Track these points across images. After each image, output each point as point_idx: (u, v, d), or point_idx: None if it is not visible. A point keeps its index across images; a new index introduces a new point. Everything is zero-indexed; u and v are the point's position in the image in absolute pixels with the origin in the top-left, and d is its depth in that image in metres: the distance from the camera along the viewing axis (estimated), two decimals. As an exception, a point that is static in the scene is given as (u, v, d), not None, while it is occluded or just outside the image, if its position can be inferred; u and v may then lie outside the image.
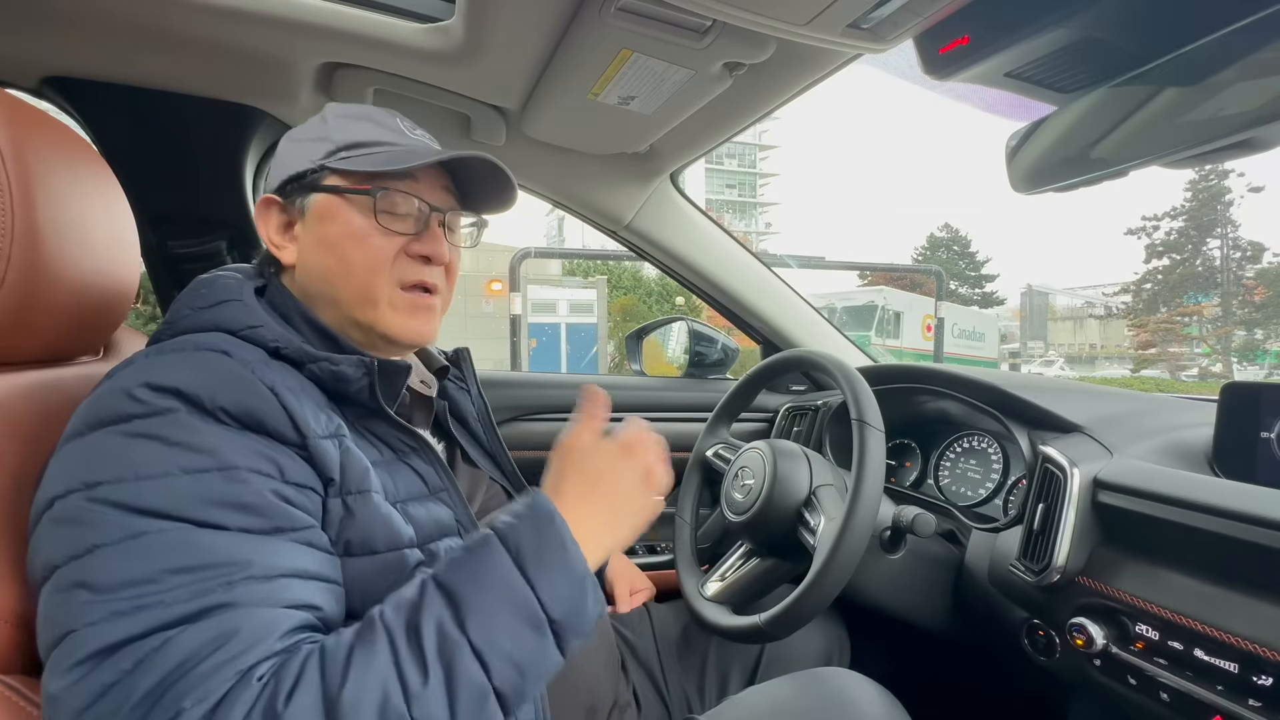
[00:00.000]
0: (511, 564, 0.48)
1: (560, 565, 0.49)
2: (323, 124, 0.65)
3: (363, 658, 0.43)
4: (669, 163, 1.28)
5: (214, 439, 0.47)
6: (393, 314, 0.63)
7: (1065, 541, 0.75)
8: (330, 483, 0.53)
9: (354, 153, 0.62)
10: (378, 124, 0.65)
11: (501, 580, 0.47)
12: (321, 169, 0.62)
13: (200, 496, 0.45)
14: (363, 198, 0.62)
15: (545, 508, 0.51)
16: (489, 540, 0.49)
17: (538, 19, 0.85)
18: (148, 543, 0.43)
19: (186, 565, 0.43)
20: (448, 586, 0.47)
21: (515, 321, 4.30)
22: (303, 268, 0.64)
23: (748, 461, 0.94)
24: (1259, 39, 0.53)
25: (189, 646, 0.41)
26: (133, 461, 0.45)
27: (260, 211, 0.65)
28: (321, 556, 0.50)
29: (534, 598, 0.47)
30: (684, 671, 0.95)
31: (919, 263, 28.05)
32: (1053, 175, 0.71)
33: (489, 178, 0.67)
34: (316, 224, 0.63)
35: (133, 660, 0.40)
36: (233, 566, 0.44)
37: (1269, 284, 21.29)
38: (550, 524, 0.50)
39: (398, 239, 0.63)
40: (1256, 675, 0.58)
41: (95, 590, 0.42)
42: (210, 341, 0.53)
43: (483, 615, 0.45)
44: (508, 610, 0.46)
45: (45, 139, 0.54)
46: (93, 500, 0.44)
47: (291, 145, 0.65)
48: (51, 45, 0.95)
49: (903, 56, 0.79)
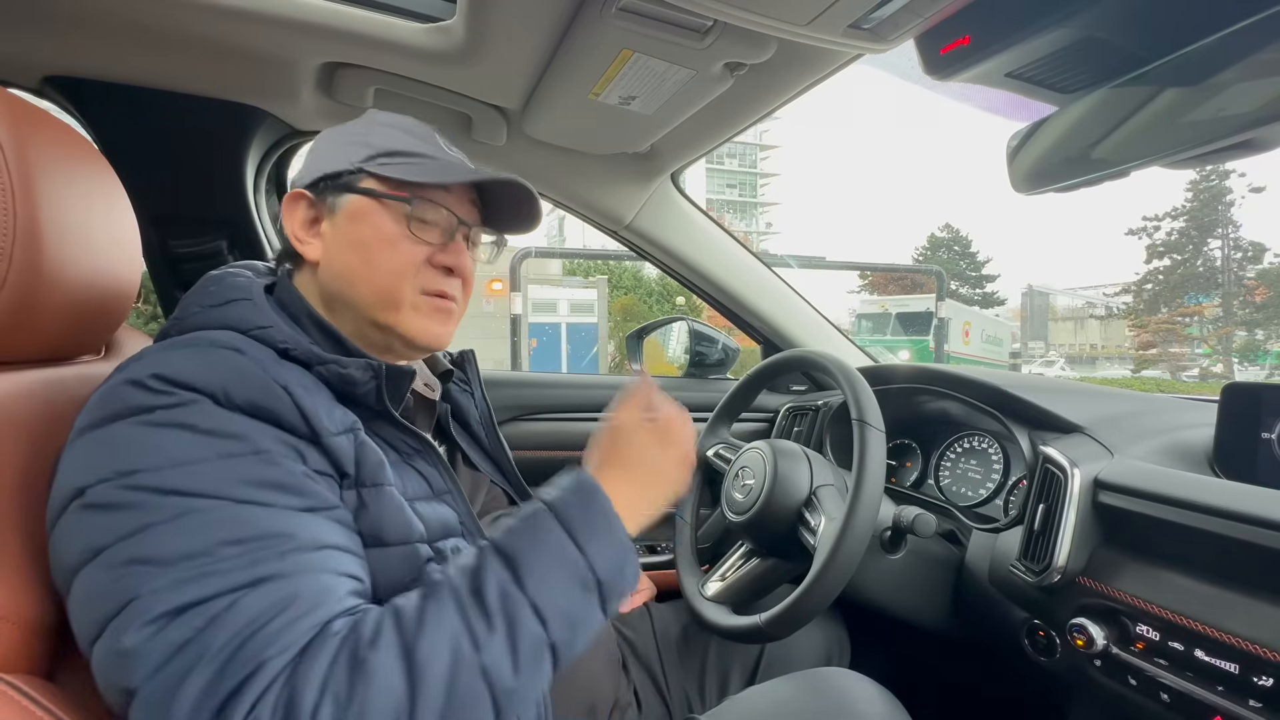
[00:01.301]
0: (563, 532, 0.51)
1: (606, 533, 0.53)
2: (365, 129, 0.66)
3: (434, 613, 0.46)
4: (670, 163, 1.28)
5: (241, 426, 0.49)
6: (415, 315, 0.64)
7: (1066, 542, 0.75)
8: (345, 476, 0.53)
9: (393, 160, 0.63)
10: (417, 137, 0.67)
11: (555, 546, 0.51)
12: (360, 171, 0.63)
13: (238, 478, 0.46)
14: (398, 204, 0.63)
15: (590, 483, 0.56)
16: (541, 512, 0.53)
17: (539, 19, 0.85)
18: (197, 519, 0.44)
19: (238, 537, 0.44)
20: (506, 552, 0.50)
21: (516, 321, 4.30)
22: (327, 265, 0.64)
23: (748, 461, 0.94)
24: (1260, 39, 0.53)
25: (257, 607, 0.42)
26: (165, 450, 0.46)
27: (288, 205, 0.65)
28: (352, 534, 0.52)
29: (584, 561, 0.51)
30: (684, 671, 0.95)
31: (920, 263, 28.06)
32: (1054, 176, 0.71)
33: (515, 198, 0.69)
34: (347, 223, 0.63)
35: (205, 618, 0.41)
36: (281, 538, 0.46)
37: (1270, 284, 21.28)
38: (595, 496, 0.55)
39: (425, 248, 0.64)
40: (1257, 676, 0.58)
41: (154, 564, 0.42)
42: (223, 339, 0.54)
43: (539, 576, 0.49)
44: (561, 572, 0.50)
45: (47, 139, 0.54)
46: (130, 488, 0.44)
47: (329, 144, 0.66)
48: (53, 45, 0.96)
49: (904, 57, 0.79)
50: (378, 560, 0.53)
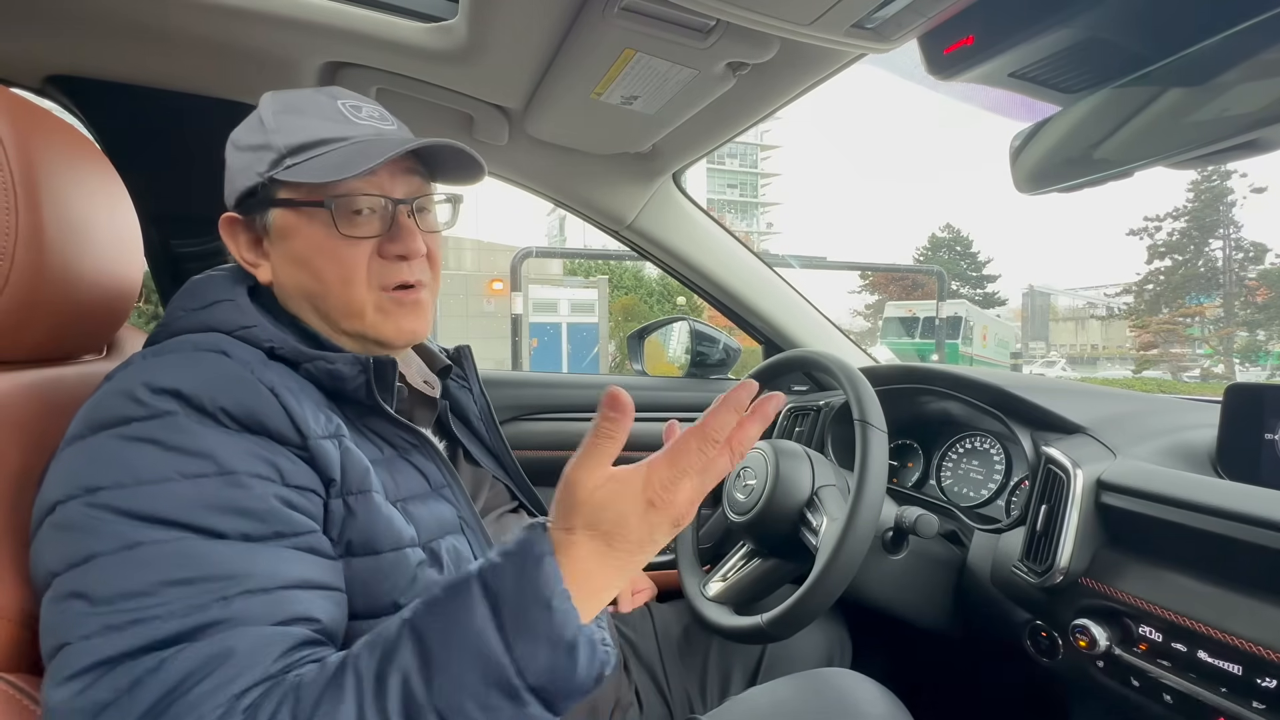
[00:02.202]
0: (489, 618, 0.42)
1: (543, 628, 0.42)
2: (260, 126, 0.60)
3: (330, 703, 0.41)
4: (671, 162, 1.28)
5: (212, 443, 0.47)
6: (382, 319, 0.61)
7: (1068, 543, 0.74)
8: (331, 483, 0.52)
9: (300, 158, 0.58)
10: (320, 115, 0.60)
11: (475, 638, 0.42)
12: (271, 181, 0.58)
13: (200, 502, 0.45)
14: (318, 209, 0.58)
15: (535, 551, 0.43)
16: (468, 586, 0.43)
17: (541, 18, 0.85)
18: (145, 553, 0.43)
19: (184, 577, 0.43)
20: (420, 634, 0.43)
21: (516, 321, 4.31)
22: (279, 286, 0.62)
23: (750, 462, 0.94)
24: (1263, 40, 0.53)
25: (185, 667, 0.40)
26: (132, 466, 0.45)
27: (225, 232, 0.62)
28: (323, 563, 0.50)
29: (508, 663, 0.41)
30: (686, 671, 0.95)
31: (921, 263, 28.05)
32: (1057, 176, 0.70)
33: (451, 153, 0.62)
34: (281, 241, 0.60)
35: (129, 679, 0.40)
36: (230, 580, 0.44)
37: (1271, 285, 21.25)
38: (537, 572, 0.42)
39: (366, 243, 0.59)
40: (1260, 677, 0.58)
41: (91, 601, 0.41)
42: (208, 342, 0.53)
43: (450, 676, 0.41)
44: (478, 674, 0.41)
45: (49, 138, 0.55)
46: (92, 506, 0.44)
47: (237, 154, 0.62)
48: (55, 44, 0.96)
49: (906, 56, 0.79)
50: (369, 568, 0.53)
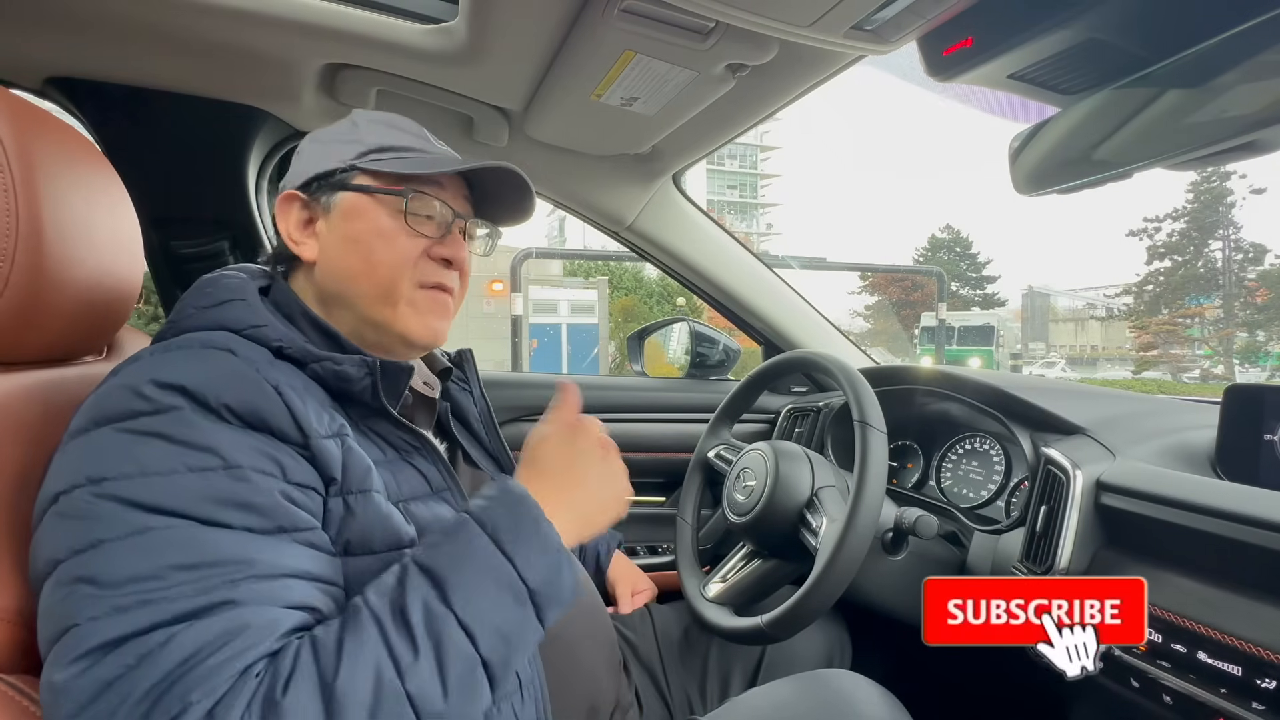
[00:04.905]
0: (489, 541, 0.50)
1: (535, 539, 0.51)
2: (353, 128, 0.67)
3: (353, 640, 0.44)
4: (671, 164, 1.28)
5: (217, 438, 0.48)
6: (411, 313, 0.65)
7: (1068, 544, 0.74)
8: (332, 482, 0.53)
9: (385, 155, 0.64)
10: (405, 131, 0.68)
11: (481, 557, 0.49)
12: (352, 169, 0.64)
13: (206, 495, 0.46)
14: (393, 198, 0.63)
15: (516, 490, 0.54)
16: (465, 523, 0.51)
17: (541, 20, 0.85)
18: (153, 539, 0.43)
19: (191, 562, 0.43)
20: (429, 567, 0.48)
21: (516, 322, 4.32)
22: (324, 264, 0.65)
23: (749, 463, 0.94)
24: (1262, 41, 0.53)
25: (194, 643, 0.41)
26: (139, 458, 0.45)
27: (281, 207, 0.66)
28: (322, 558, 0.51)
29: (513, 570, 0.49)
30: (686, 672, 0.95)
31: (920, 264, 28.07)
32: (1056, 177, 0.71)
33: (509, 189, 0.69)
34: (343, 221, 0.64)
35: (136, 655, 0.40)
36: (237, 565, 0.44)
37: (1271, 286, 21.25)
38: (522, 504, 0.53)
39: (422, 241, 0.64)
40: (1260, 678, 0.58)
41: (99, 585, 0.42)
42: (216, 340, 0.54)
43: (466, 590, 0.47)
44: (489, 584, 0.48)
45: (49, 140, 0.55)
46: (98, 495, 0.44)
47: (318, 145, 0.67)
48: (55, 46, 0.96)
49: (906, 58, 0.79)
50: (365, 567, 0.53)
